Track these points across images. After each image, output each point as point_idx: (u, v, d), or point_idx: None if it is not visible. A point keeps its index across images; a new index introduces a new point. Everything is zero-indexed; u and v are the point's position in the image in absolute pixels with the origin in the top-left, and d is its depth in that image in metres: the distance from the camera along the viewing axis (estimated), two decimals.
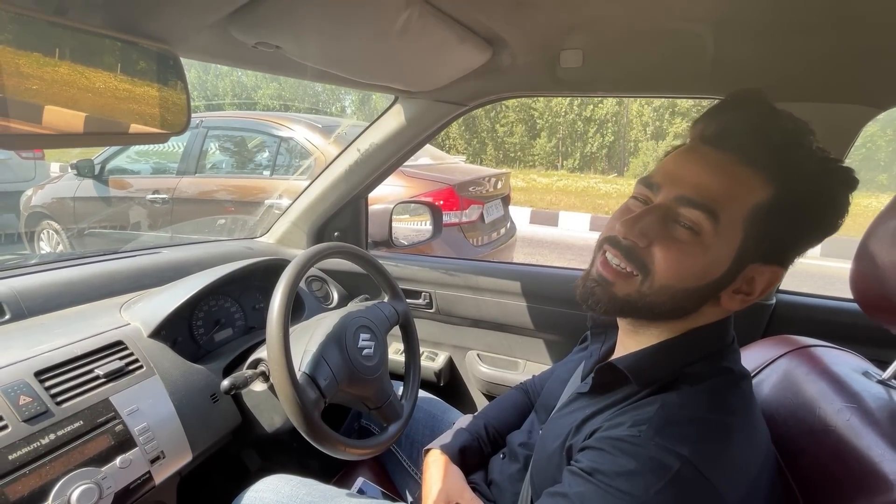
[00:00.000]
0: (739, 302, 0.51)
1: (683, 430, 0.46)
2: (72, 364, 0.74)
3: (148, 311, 0.91)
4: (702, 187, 0.47)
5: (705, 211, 0.47)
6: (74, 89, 0.52)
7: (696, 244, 0.48)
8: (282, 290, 0.77)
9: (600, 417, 0.54)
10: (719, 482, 0.44)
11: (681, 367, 0.52)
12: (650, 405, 0.50)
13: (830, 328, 1.02)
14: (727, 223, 0.47)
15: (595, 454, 0.49)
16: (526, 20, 0.74)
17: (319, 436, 0.75)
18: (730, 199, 0.47)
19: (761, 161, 0.47)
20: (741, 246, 0.48)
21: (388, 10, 0.64)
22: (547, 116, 12.57)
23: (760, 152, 0.47)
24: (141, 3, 0.52)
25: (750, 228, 0.47)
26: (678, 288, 0.49)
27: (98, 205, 3.47)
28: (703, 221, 0.47)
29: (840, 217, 0.49)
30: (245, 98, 17.10)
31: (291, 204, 1.43)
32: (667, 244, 0.49)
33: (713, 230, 0.47)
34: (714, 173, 0.48)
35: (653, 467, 0.44)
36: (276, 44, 0.67)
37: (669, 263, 0.48)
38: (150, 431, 0.75)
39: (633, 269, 0.51)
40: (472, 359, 1.38)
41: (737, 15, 0.68)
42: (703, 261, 0.48)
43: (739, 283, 0.50)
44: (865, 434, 0.52)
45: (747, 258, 0.49)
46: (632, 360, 0.55)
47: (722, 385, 0.51)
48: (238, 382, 0.79)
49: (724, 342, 0.55)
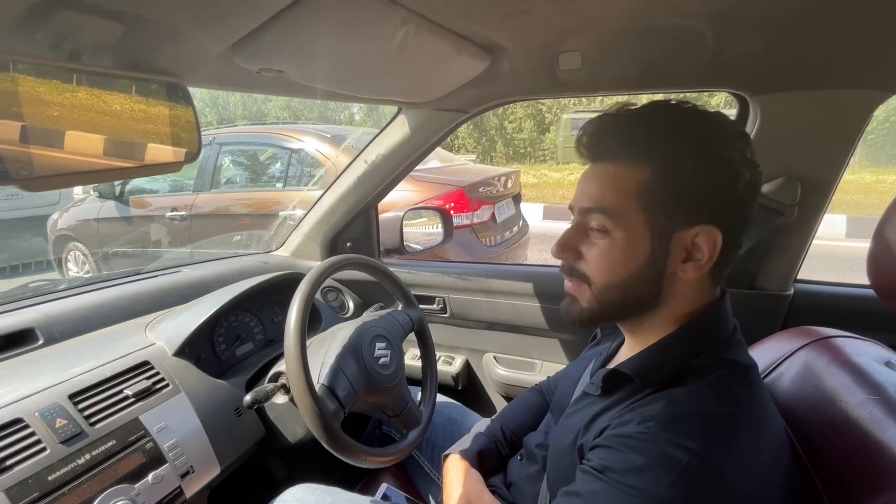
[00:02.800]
0: (695, 269, 0.53)
1: (690, 424, 0.47)
2: (103, 385, 0.77)
3: (171, 330, 0.94)
4: (594, 195, 0.55)
5: (602, 212, 0.54)
6: (93, 113, 0.54)
7: (610, 240, 0.54)
8: (297, 306, 0.79)
9: (608, 415, 0.55)
10: (729, 474, 0.44)
11: (684, 362, 0.53)
12: (657, 401, 0.50)
13: (851, 316, 1.00)
14: (624, 212, 0.53)
15: (605, 452, 0.50)
16: (521, 27, 0.75)
17: (340, 446, 0.77)
18: (616, 193, 0.53)
19: (624, 153, 0.53)
20: (651, 223, 0.52)
21: (385, 29, 0.65)
22: (555, 110, 12.47)
23: (621, 147, 0.54)
24: (149, 43, 0.54)
25: (648, 206, 0.52)
26: (618, 281, 0.54)
27: (120, 225, 3.59)
28: (604, 221, 0.54)
29: (729, 166, 0.51)
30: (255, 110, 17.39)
31: (304, 217, 1.46)
32: (590, 250, 0.56)
33: (616, 223, 0.53)
34: (599, 180, 0.55)
35: (662, 462, 0.45)
36: (278, 68, 0.69)
37: (597, 264, 0.55)
38: (178, 447, 0.78)
39: (579, 281, 0.58)
40: (489, 361, 1.39)
41: (733, 9, 0.68)
42: (623, 249, 0.53)
43: (680, 254, 0.53)
44: (889, 426, 0.51)
45: (667, 229, 0.52)
46: (635, 362, 0.56)
47: (727, 377, 0.51)
48: (260, 397, 0.82)
49: (725, 332, 0.55)
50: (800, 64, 0.81)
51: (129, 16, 0.47)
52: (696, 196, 0.51)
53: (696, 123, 0.53)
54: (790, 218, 0.94)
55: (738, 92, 0.92)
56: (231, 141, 3.45)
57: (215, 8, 0.49)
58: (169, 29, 0.52)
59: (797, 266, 1.03)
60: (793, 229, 0.97)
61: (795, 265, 1.02)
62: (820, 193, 0.93)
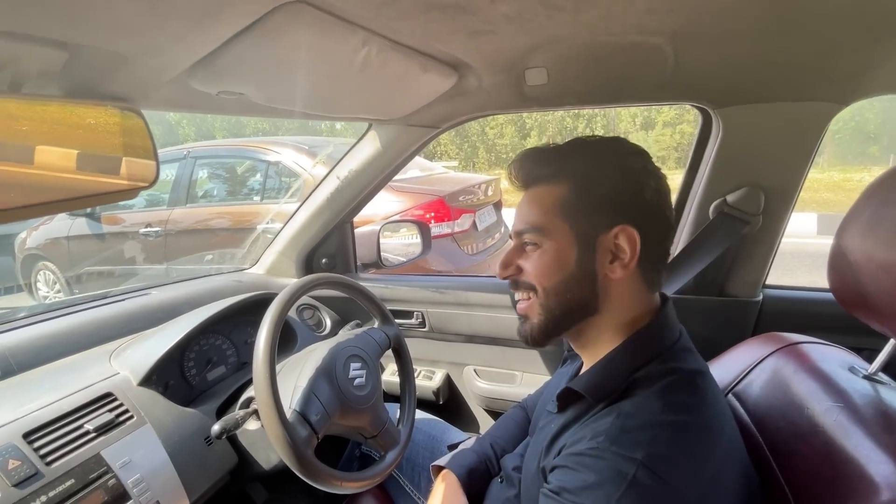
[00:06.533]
0: (621, 267, 0.58)
1: (637, 435, 0.48)
2: (61, 421, 0.74)
3: (137, 358, 0.91)
4: (525, 217, 0.62)
5: (532, 230, 0.61)
6: (38, 139, 0.52)
7: (542, 250, 0.60)
8: (265, 331, 0.77)
9: (566, 434, 0.57)
10: (676, 482, 0.45)
11: (631, 374, 0.54)
12: (607, 416, 0.52)
13: (820, 320, 1.02)
14: (549, 225, 0.60)
15: (562, 472, 0.51)
16: (485, 45, 0.75)
17: (314, 474, 0.75)
18: (542, 210, 0.61)
19: (544, 176, 0.62)
20: (575, 230, 0.58)
21: (346, 50, 0.65)
22: (536, 115, 12.63)
23: (541, 171, 0.62)
24: (97, 70, 0.53)
25: (569, 215, 0.59)
26: (555, 284, 0.60)
27: (93, 242, 3.49)
28: (535, 236, 0.61)
29: (634, 174, 0.59)
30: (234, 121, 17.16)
31: (278, 233, 1.44)
32: (527, 262, 0.62)
33: (545, 236, 0.60)
34: (527, 204, 0.63)
35: (612, 476, 0.45)
36: (238, 91, 0.68)
37: (534, 270, 0.61)
38: (144, 482, 0.75)
39: (527, 292, 0.63)
40: (470, 374, 1.38)
41: (691, 26, 0.69)
42: (554, 255, 0.59)
43: (606, 255, 0.58)
44: (853, 434, 0.52)
45: (591, 234, 0.58)
46: (586, 379, 0.59)
47: (672, 385, 0.52)
48: (229, 425, 0.79)
49: (670, 341, 0.57)
50: (758, 77, 0.84)
51: (71, 45, 0.46)
52: (609, 202, 0.58)
53: (598, 144, 0.61)
54: (755, 227, 0.96)
55: (701, 105, 0.94)
56: (207, 154, 3.39)
57: (163, 36, 0.48)
58: (116, 56, 0.50)
59: (765, 272, 1.05)
60: (758, 237, 0.99)
61: (763, 272, 1.04)
62: (783, 202, 0.95)
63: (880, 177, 0.55)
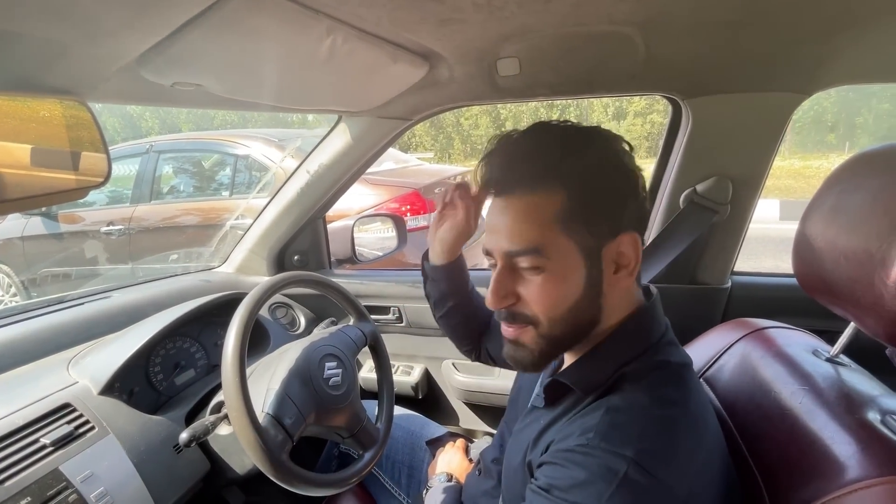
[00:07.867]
0: (626, 275, 0.53)
1: (627, 431, 0.47)
2: (15, 436, 0.70)
3: (97, 365, 0.87)
4: (515, 234, 0.52)
5: (531, 252, 0.51)
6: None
7: (546, 276, 0.52)
8: (234, 333, 0.74)
9: (553, 429, 0.55)
10: (667, 477, 0.45)
11: (619, 368, 0.53)
12: (596, 411, 0.50)
13: (785, 305, 1.06)
14: (552, 244, 0.51)
15: (550, 469, 0.50)
16: (456, 34, 0.73)
17: (289, 478, 0.73)
18: (538, 227, 0.51)
19: (531, 185, 0.51)
20: (579, 245, 0.51)
21: (310, 39, 0.62)
22: (510, 106, 12.65)
23: (524, 179, 0.52)
24: (33, 60, 0.48)
25: (572, 230, 0.51)
26: (564, 313, 0.53)
27: (50, 243, 3.31)
28: (536, 260, 0.51)
29: (628, 173, 0.53)
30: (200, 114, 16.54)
31: (247, 230, 1.39)
32: (528, 290, 0.53)
33: (548, 259, 0.51)
34: (515, 217, 0.52)
35: (602, 474, 0.45)
36: (194, 82, 0.64)
37: (540, 301, 0.52)
38: (108, 496, 0.71)
39: (523, 325, 0.55)
40: (448, 368, 1.38)
41: (660, 16, 0.69)
42: (562, 280, 0.52)
43: (611, 266, 0.53)
44: (817, 415, 0.53)
45: (595, 246, 0.51)
46: (573, 370, 0.57)
47: (661, 379, 0.52)
48: (199, 432, 0.76)
49: (656, 335, 0.56)
50: (726, 68, 0.85)
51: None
52: (612, 207, 0.52)
53: (590, 140, 0.53)
54: (724, 215, 0.98)
55: (671, 95, 0.95)
56: (171, 148, 3.25)
57: (103, 22, 0.44)
58: (53, 44, 0.46)
59: (733, 259, 1.08)
60: (727, 226, 1.02)
61: (731, 259, 1.07)
62: (750, 191, 0.98)
63: (841, 165, 0.56)
